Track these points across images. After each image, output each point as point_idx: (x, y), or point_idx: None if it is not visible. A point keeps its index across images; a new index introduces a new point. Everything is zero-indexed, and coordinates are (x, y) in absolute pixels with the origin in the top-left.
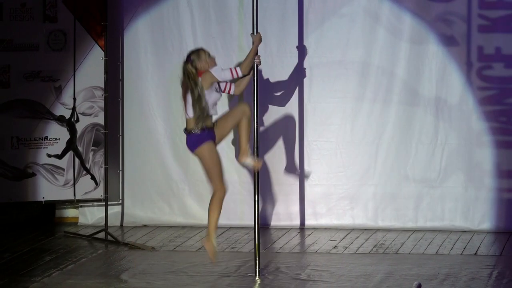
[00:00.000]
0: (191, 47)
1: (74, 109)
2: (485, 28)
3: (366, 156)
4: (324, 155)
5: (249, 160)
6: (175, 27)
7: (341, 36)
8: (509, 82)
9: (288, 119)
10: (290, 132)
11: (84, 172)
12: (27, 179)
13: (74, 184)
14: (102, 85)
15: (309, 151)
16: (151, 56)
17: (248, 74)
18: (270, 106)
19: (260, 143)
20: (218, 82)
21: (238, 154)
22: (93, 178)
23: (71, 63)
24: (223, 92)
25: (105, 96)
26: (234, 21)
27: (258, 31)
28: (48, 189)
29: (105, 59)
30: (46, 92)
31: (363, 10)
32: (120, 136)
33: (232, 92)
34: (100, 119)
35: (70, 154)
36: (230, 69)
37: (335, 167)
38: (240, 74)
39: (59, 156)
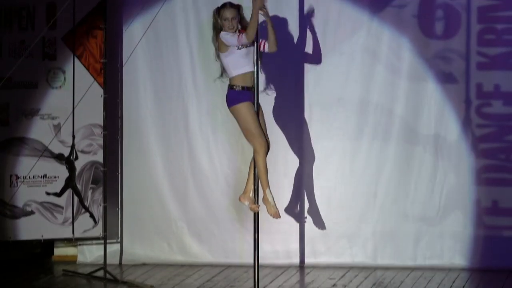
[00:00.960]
0: (190, 84)
1: (73, 146)
2: (483, 65)
3: (365, 194)
4: (323, 193)
5: (248, 203)
6: (175, 65)
7: (340, 73)
8: (508, 119)
9: (287, 157)
10: (289, 168)
11: (83, 210)
12: (26, 217)
13: (73, 222)
14: (101, 123)
15: (309, 189)
16: (150, 94)
17: (253, 39)
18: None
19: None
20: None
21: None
22: (92, 216)
23: (70, 100)
24: (260, 50)
25: (104, 133)
26: None
27: None
28: (47, 227)
29: (104, 97)
30: (45, 130)
31: (362, 48)
32: (119, 174)
33: (266, 50)
34: (99, 157)
35: (69, 192)
36: (237, 35)
37: (334, 205)
38: (244, 41)
39: (58, 194)
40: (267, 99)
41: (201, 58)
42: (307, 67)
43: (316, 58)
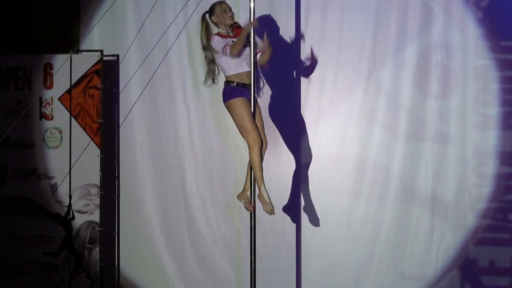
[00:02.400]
0: (187, 144)
1: (69, 206)
2: (480, 125)
3: (362, 253)
4: (320, 252)
5: (244, 201)
6: (171, 125)
7: (337, 133)
8: (505, 179)
9: (284, 218)
10: (286, 231)
11: (80, 270)
12: (23, 277)
13: (69, 282)
14: (98, 183)
15: (306, 249)
16: (147, 154)
17: (235, 55)
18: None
19: (257, 243)
20: (234, 35)
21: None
22: (88, 276)
23: (67, 160)
24: (222, 53)
25: (101, 193)
26: (230, 120)
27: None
28: (43, 287)
29: (101, 157)
30: (42, 189)
31: (359, 108)
32: (116, 234)
33: (227, 55)
34: (95, 217)
35: (65, 252)
36: (223, 47)
37: (331, 264)
38: (228, 53)
39: (55, 254)
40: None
41: (198, 117)
42: (305, 126)
43: (309, 69)
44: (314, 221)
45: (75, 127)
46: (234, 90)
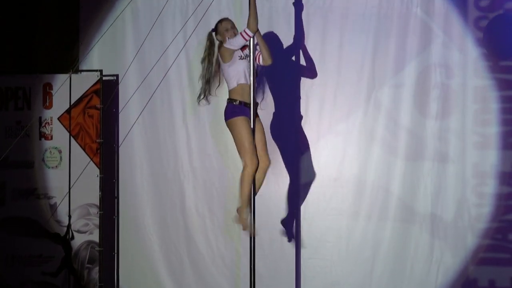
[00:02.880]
0: (187, 164)
1: (69, 226)
2: (480, 145)
3: (362, 273)
4: (319, 272)
5: (241, 223)
6: (171, 144)
7: (337, 153)
8: (505, 199)
9: (284, 238)
10: (286, 250)
11: None
12: None
13: None
14: (97, 203)
15: (305, 269)
16: (146, 174)
17: (256, 28)
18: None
19: (257, 263)
20: (242, 48)
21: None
22: None
23: (66, 180)
24: (257, 62)
25: (100, 213)
26: (230, 139)
27: None
28: None
29: (100, 177)
30: (41, 209)
31: (359, 128)
32: (115, 254)
33: (261, 62)
34: (95, 237)
35: (65, 271)
36: (240, 33)
37: (330, 284)
38: (250, 33)
39: (54, 274)
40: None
41: (197, 137)
42: (304, 146)
43: (311, 71)
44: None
45: (75, 147)
46: (236, 109)
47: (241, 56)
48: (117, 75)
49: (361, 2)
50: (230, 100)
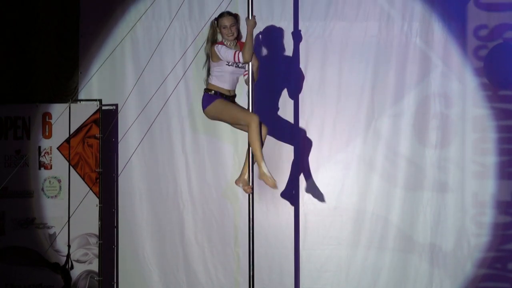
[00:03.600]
0: (186, 193)
1: (68, 256)
2: (479, 175)
3: None
4: None
5: (241, 185)
6: (170, 174)
7: (336, 182)
8: (504, 228)
9: (283, 267)
10: (285, 280)
11: None
12: None
13: None
14: (97, 232)
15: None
16: (146, 203)
17: (250, 60)
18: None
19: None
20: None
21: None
22: None
23: (65, 209)
24: (235, 60)
25: (99, 243)
26: (229, 168)
27: (253, 15)
28: None
29: (99, 206)
30: (40, 239)
31: (358, 157)
32: (115, 284)
33: (240, 60)
34: (94, 266)
35: None
36: (234, 53)
37: None
38: (241, 59)
39: None
40: (263, 207)
41: (196, 167)
42: (303, 176)
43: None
44: (320, 197)
45: (74, 177)
46: (211, 97)
47: (228, 63)
48: (116, 105)
49: (360, 31)
50: (206, 90)
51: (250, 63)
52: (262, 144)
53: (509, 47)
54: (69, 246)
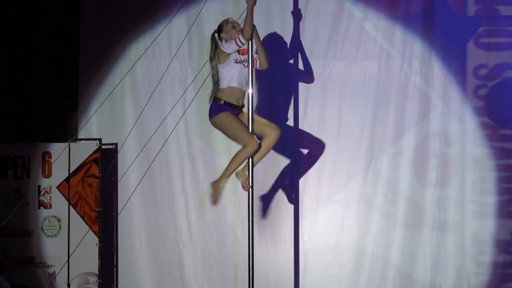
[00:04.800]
0: (186, 233)
1: None
2: (479, 214)
3: None
4: None
5: (241, 179)
6: (170, 213)
7: (336, 222)
8: (503, 267)
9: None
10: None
11: None
12: None
13: None
14: (97, 271)
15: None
16: (145, 242)
17: (250, 37)
18: None
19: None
20: (240, 52)
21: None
22: None
23: (65, 249)
24: (254, 66)
25: (99, 282)
26: (229, 208)
27: None
28: None
29: (99, 245)
30: (40, 278)
31: (358, 196)
32: None
33: (258, 66)
34: None
35: None
36: (235, 39)
37: None
38: (243, 40)
39: None
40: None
41: (196, 206)
42: (303, 214)
43: (308, 76)
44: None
45: (74, 216)
46: (220, 107)
47: (237, 59)
48: (116, 144)
49: (360, 70)
50: (215, 99)
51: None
52: (239, 165)
53: (508, 86)
54: (68, 285)
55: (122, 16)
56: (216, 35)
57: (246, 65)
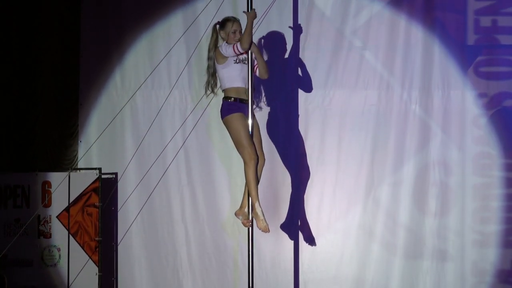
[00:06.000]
0: (186, 263)
1: None
2: (479, 243)
3: None
4: None
5: (241, 218)
6: (170, 243)
7: (335, 251)
8: None
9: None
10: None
11: None
12: None
13: None
14: None
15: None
16: (145, 272)
17: (248, 48)
18: None
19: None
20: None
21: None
22: None
23: (64, 278)
24: (234, 53)
25: None
26: (229, 238)
27: (253, 8)
28: None
29: (99, 275)
30: None
31: (358, 225)
32: None
33: (257, 75)
34: None
35: None
36: (233, 46)
37: None
38: (240, 49)
39: None
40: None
41: (196, 236)
42: (302, 246)
43: (307, 86)
44: (310, 240)
45: (73, 245)
46: (231, 106)
47: (236, 60)
48: (116, 173)
49: (359, 99)
50: (225, 98)
51: (252, 56)
52: (258, 181)
53: (508, 115)
54: None
55: (122, 46)
56: (217, 27)
57: (245, 62)
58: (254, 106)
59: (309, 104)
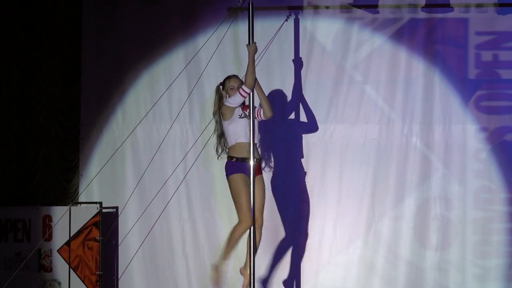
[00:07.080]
0: None
1: None
2: (480, 277)
3: None
4: None
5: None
6: (171, 277)
7: (337, 285)
8: None
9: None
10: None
11: None
12: None
13: None
14: None
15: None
16: None
17: (253, 84)
18: None
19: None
20: (242, 107)
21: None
22: None
23: None
24: (257, 118)
25: None
26: (229, 269)
27: (254, 42)
28: None
29: None
30: None
31: (358, 260)
32: None
33: (262, 116)
34: None
35: None
36: (238, 91)
37: None
38: (247, 90)
39: None
40: None
41: (197, 270)
42: (304, 278)
43: (312, 126)
44: None
45: (74, 279)
46: (234, 166)
47: (240, 115)
48: (117, 207)
49: (360, 133)
50: (229, 158)
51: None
52: (235, 245)
53: (509, 149)
54: None
55: (123, 81)
56: (220, 87)
57: (249, 117)
58: (263, 165)
59: (310, 138)
